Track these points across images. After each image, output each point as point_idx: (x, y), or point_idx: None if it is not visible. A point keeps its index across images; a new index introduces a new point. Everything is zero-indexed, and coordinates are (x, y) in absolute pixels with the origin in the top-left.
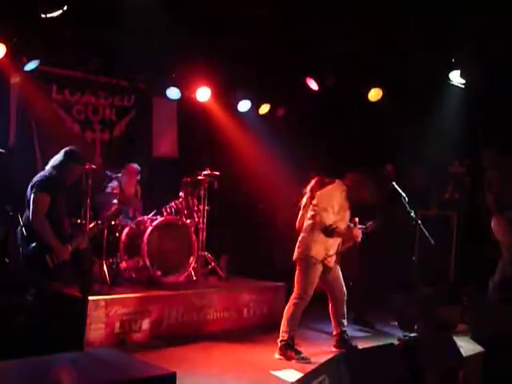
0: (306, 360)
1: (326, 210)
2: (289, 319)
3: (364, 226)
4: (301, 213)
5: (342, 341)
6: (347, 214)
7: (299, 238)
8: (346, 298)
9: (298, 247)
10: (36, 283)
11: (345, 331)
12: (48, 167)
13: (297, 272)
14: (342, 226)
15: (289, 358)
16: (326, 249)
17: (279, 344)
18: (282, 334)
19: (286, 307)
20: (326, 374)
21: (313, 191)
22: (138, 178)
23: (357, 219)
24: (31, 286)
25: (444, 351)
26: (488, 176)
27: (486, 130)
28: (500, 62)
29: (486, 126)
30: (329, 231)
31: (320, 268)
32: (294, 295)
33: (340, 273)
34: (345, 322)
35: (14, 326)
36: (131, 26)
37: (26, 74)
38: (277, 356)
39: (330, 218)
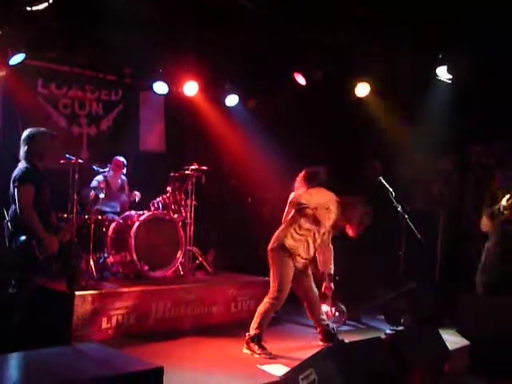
0: (269, 355)
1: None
2: (261, 317)
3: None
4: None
5: (328, 334)
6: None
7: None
8: (318, 296)
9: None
10: (22, 277)
11: (327, 325)
12: (20, 159)
13: (271, 267)
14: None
15: (253, 352)
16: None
17: (246, 338)
18: (252, 330)
19: (261, 304)
20: (313, 367)
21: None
22: (124, 171)
23: None
24: (16, 279)
25: (430, 344)
26: None
27: (474, 125)
28: (487, 57)
29: (473, 122)
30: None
31: (291, 264)
32: (269, 294)
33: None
34: (324, 317)
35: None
36: (118, 20)
37: (11, 67)
38: (244, 350)
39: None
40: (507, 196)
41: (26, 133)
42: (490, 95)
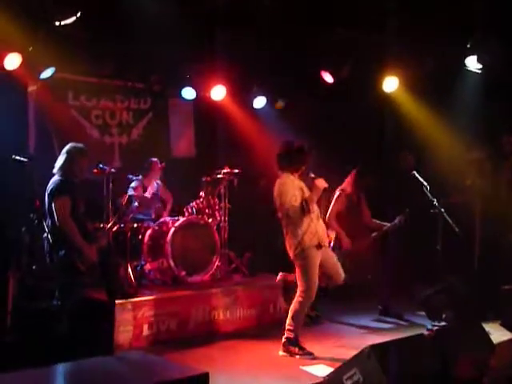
0: (310, 355)
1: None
2: (294, 316)
3: (394, 222)
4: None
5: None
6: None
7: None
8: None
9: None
10: (66, 289)
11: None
12: (55, 171)
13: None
14: None
15: (292, 355)
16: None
17: (283, 340)
18: (287, 332)
19: (292, 303)
20: (357, 367)
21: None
22: (161, 174)
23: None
24: (60, 291)
25: (474, 339)
26: None
27: (506, 114)
28: None
29: (505, 111)
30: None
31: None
32: (299, 292)
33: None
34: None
35: (43, 331)
36: (143, 28)
37: (43, 81)
38: (281, 353)
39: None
40: None
41: (71, 145)
42: None
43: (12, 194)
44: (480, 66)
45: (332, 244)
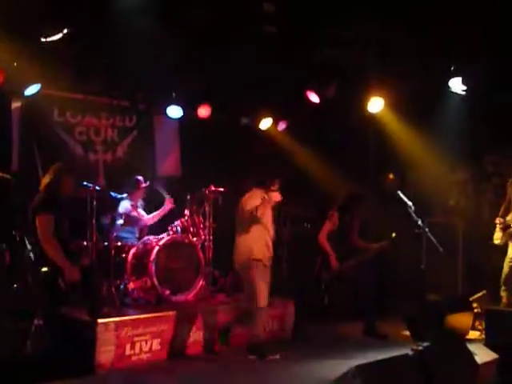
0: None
1: None
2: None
3: (381, 244)
4: None
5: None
6: None
7: None
8: None
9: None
10: (47, 307)
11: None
12: (41, 188)
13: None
14: None
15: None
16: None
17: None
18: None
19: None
20: None
21: None
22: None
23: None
24: (42, 310)
25: (459, 359)
26: None
27: (489, 136)
28: (500, 67)
29: (488, 132)
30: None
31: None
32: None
33: None
34: None
35: (23, 351)
36: (129, 47)
37: (27, 98)
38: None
39: None
40: None
41: (59, 164)
42: (504, 105)
43: None
44: (463, 88)
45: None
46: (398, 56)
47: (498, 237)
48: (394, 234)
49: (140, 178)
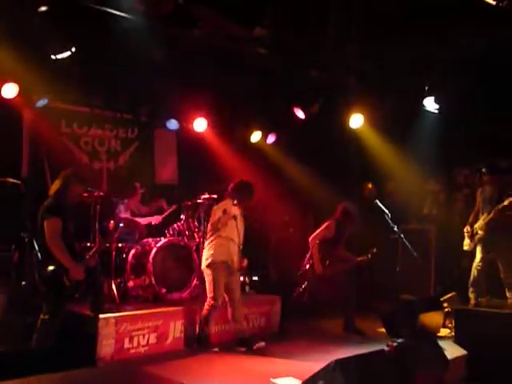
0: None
1: None
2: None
3: (363, 258)
4: None
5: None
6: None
7: None
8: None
9: None
10: (52, 303)
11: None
12: (51, 192)
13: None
14: None
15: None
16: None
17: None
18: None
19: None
20: (323, 380)
21: None
22: (140, 196)
23: None
24: (47, 306)
25: (430, 354)
26: None
27: (460, 150)
28: (470, 87)
29: (459, 147)
30: None
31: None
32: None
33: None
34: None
35: (29, 344)
36: (133, 65)
37: (37, 110)
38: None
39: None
40: (484, 215)
41: (70, 170)
42: (473, 122)
43: (4, 214)
44: (437, 107)
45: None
46: (377, 77)
47: (466, 243)
48: (375, 250)
49: (137, 184)
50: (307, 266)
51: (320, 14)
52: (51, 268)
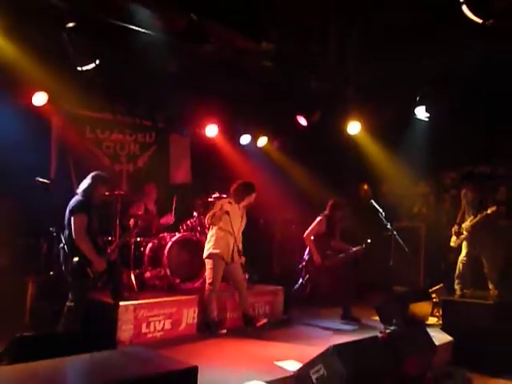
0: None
1: None
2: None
3: (357, 248)
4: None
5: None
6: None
7: None
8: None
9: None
10: (78, 291)
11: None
12: (79, 191)
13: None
14: None
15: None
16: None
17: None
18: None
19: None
20: (322, 363)
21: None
22: (156, 195)
23: None
24: (73, 294)
25: (419, 341)
26: None
27: (447, 155)
28: (459, 98)
29: (447, 152)
30: None
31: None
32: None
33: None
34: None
35: (57, 329)
36: (151, 76)
37: (65, 117)
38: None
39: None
40: (471, 218)
41: (98, 173)
42: (461, 130)
43: (35, 210)
44: (427, 115)
45: (306, 259)
46: (373, 88)
47: (453, 240)
48: (368, 240)
49: (153, 184)
50: (305, 260)
51: (322, 29)
52: (76, 259)
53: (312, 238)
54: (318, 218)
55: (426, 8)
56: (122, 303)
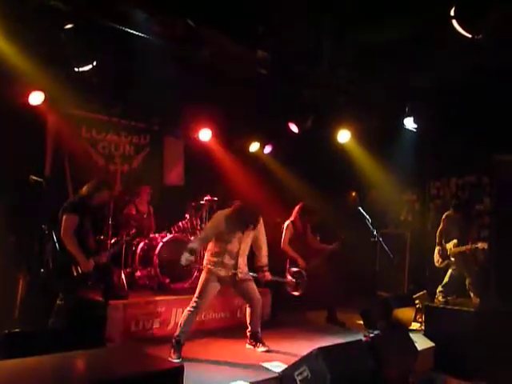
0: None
1: None
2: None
3: (333, 246)
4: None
5: (255, 337)
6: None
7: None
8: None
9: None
10: (64, 289)
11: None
12: (79, 192)
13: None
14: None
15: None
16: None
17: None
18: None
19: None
20: (307, 365)
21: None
22: (149, 197)
23: None
24: (61, 292)
25: (402, 345)
26: None
27: (433, 165)
28: (446, 110)
29: (432, 162)
30: None
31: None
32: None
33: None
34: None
35: (46, 326)
36: (147, 79)
37: (61, 116)
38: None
39: None
40: (454, 241)
41: (101, 179)
42: (446, 140)
43: (28, 208)
44: (415, 126)
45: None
46: (363, 98)
47: (437, 260)
48: (343, 236)
49: (146, 186)
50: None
51: (315, 41)
52: (62, 259)
53: (288, 245)
54: (285, 224)
55: (414, 23)
56: (111, 302)
